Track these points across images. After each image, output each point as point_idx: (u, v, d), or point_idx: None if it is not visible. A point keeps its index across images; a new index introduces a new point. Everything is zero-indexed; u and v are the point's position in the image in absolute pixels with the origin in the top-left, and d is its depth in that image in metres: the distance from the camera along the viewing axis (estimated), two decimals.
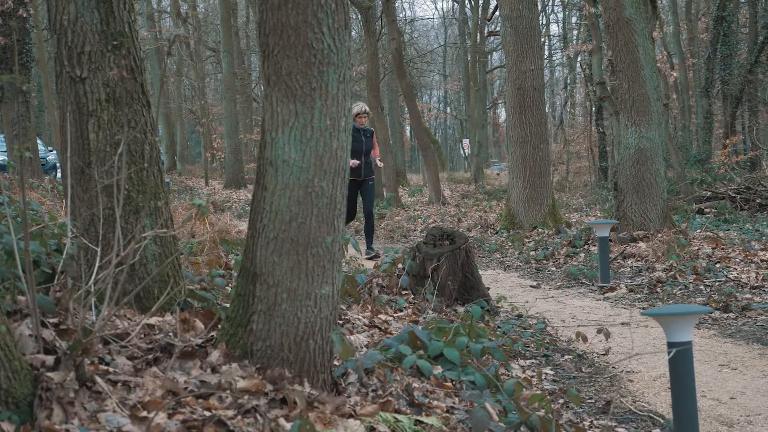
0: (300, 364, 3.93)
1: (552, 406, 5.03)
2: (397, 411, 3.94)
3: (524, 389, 5.13)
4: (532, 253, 12.94)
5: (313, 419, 3.54)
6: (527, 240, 14.18)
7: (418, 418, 3.91)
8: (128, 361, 3.70)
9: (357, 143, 12.40)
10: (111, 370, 3.51)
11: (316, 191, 3.87)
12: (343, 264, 9.97)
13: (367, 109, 13.01)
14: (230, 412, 3.39)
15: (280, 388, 3.70)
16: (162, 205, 4.59)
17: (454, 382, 4.70)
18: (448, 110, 66.88)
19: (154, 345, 3.88)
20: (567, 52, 44.69)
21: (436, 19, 67.11)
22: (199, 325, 4.27)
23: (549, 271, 11.79)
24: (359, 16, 26.92)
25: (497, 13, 22.14)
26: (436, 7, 77.01)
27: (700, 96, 31.25)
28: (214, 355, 3.90)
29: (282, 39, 3.85)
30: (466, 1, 42.18)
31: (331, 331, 3.99)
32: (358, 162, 12.58)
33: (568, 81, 50.23)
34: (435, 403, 4.22)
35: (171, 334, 4.05)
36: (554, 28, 56.51)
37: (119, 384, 3.42)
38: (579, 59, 41.96)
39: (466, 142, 50.02)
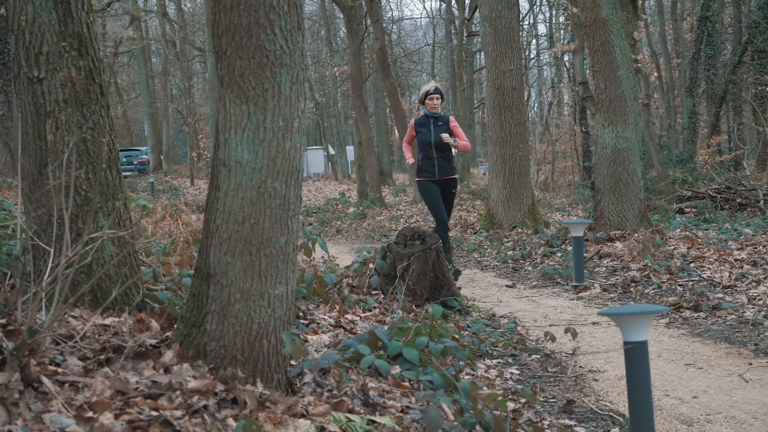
0: (253, 364, 3.94)
1: (513, 405, 5.06)
2: (351, 411, 3.96)
3: (484, 388, 5.16)
4: (510, 252, 12.96)
5: (263, 419, 3.55)
6: (506, 240, 14.21)
7: (372, 417, 3.93)
8: (79, 361, 3.70)
9: (425, 134, 10.38)
10: (60, 370, 3.51)
11: (269, 192, 3.89)
12: (320, 263, 9.97)
13: (440, 89, 10.54)
14: (178, 413, 3.40)
15: (232, 388, 3.71)
16: (120, 206, 4.59)
17: (412, 382, 4.71)
18: None
19: (107, 345, 3.89)
20: (552, 52, 44.71)
21: (422, 19, 67.08)
22: (155, 325, 4.28)
23: (525, 270, 11.82)
24: (342, 16, 26.91)
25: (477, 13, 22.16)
26: (424, 6, 76.93)
27: (685, 96, 31.32)
28: (168, 356, 3.91)
29: (234, 40, 3.86)
30: (453, 1, 42.18)
31: (285, 331, 4.01)
32: (412, 161, 10.74)
33: (555, 81, 50.28)
34: (390, 402, 4.24)
35: (125, 334, 4.06)
36: (542, 28, 56.45)
37: (67, 384, 3.42)
38: (567, 59, 42.03)
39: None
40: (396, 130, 31.44)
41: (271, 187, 3.89)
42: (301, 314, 6.09)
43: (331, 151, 49.55)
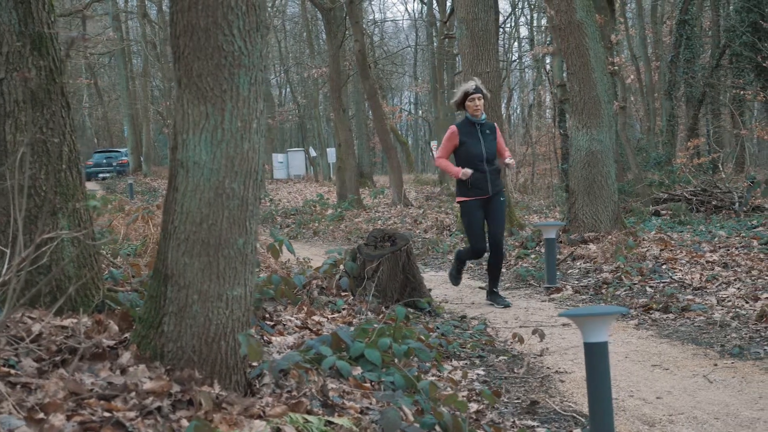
0: (211, 365, 3.94)
1: (476, 406, 5.08)
2: (309, 412, 3.96)
3: (448, 389, 5.17)
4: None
5: (219, 420, 3.55)
6: None
7: (330, 418, 3.93)
8: (34, 363, 3.70)
9: (473, 145, 8.83)
10: (13, 372, 3.51)
11: (226, 193, 3.89)
12: (294, 265, 9.97)
13: (482, 88, 8.98)
14: (132, 414, 3.39)
15: (188, 389, 3.70)
16: (80, 207, 4.58)
17: (373, 383, 4.72)
18: (419, 112, 66.93)
19: (63, 347, 3.88)
20: (532, 53, 44.81)
21: (403, 21, 67.18)
22: (114, 326, 4.27)
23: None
24: (321, 18, 26.92)
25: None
26: (406, 9, 77.06)
27: (663, 99, 31.45)
28: (125, 357, 3.90)
29: (192, 41, 3.86)
30: (434, 3, 42.22)
31: (245, 332, 4.01)
32: (470, 171, 8.75)
33: (536, 83, 50.41)
34: (350, 404, 4.24)
35: (82, 335, 4.05)
36: (524, 31, 56.58)
37: (19, 386, 3.42)
38: (547, 61, 42.14)
39: (434, 144, 50.11)
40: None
41: (229, 188, 3.89)
42: (267, 315, 6.09)
43: (313, 153, 49.55)
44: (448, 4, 35.86)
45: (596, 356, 4.46)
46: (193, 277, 3.88)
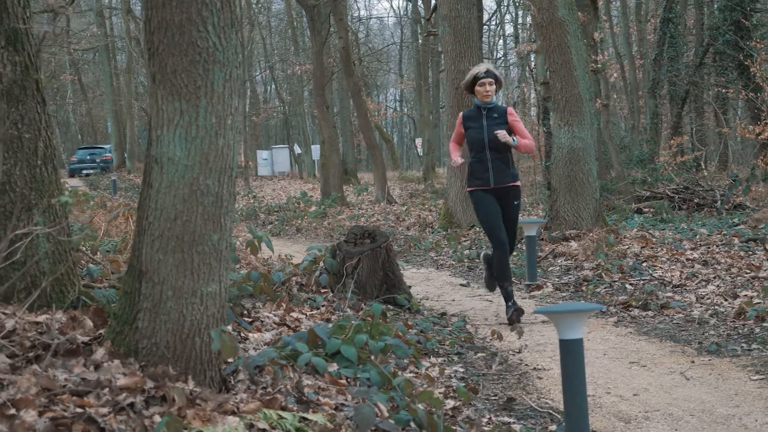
0: (186, 361, 3.94)
1: (453, 402, 5.09)
2: (284, 408, 3.96)
3: (424, 386, 5.18)
4: (466, 252, 13.00)
5: (192, 416, 3.55)
6: (463, 239, 14.25)
7: (304, 415, 3.94)
8: (7, 359, 3.69)
9: (475, 130, 8.14)
10: None
11: (201, 189, 3.88)
12: (276, 262, 9.96)
13: (494, 71, 8.22)
14: (104, 410, 3.39)
15: (161, 386, 3.70)
16: (56, 203, 4.57)
17: (349, 380, 4.73)
18: (405, 109, 66.98)
19: (37, 343, 3.87)
20: (515, 50, 44.90)
21: (388, 18, 67.20)
22: (89, 323, 4.26)
23: (480, 269, 11.83)
24: (305, 14, 26.92)
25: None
26: (391, 5, 77.08)
27: (647, 97, 31.55)
28: (99, 353, 3.89)
29: (166, 37, 3.86)
30: (419, 0, 42.25)
31: (219, 328, 4.00)
32: (460, 161, 8.24)
33: (520, 80, 50.48)
34: (325, 400, 4.25)
35: (56, 331, 4.04)
36: (510, 28, 56.68)
37: None
38: (532, 58, 42.21)
39: (418, 141, 50.14)
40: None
41: (204, 184, 3.89)
42: (245, 312, 6.09)
43: (298, 150, 49.50)
44: (432, 1, 35.92)
45: (571, 353, 4.48)
46: (167, 273, 3.88)
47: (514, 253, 12.32)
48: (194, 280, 3.91)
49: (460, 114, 8.50)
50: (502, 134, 7.89)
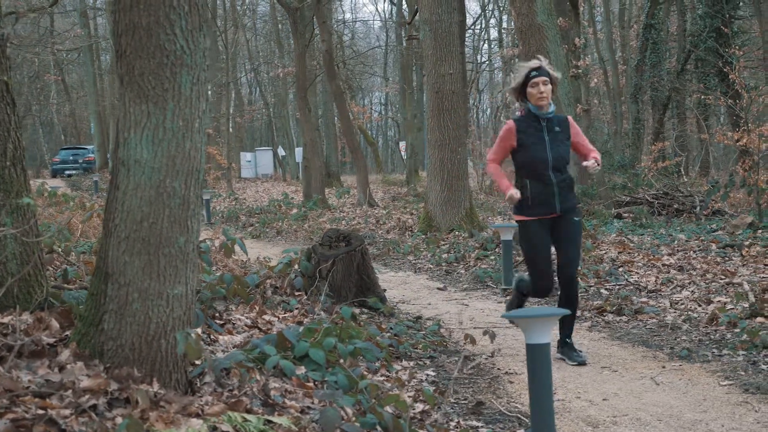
0: (151, 363, 3.95)
1: (422, 406, 5.11)
2: (249, 411, 3.97)
3: (394, 390, 5.19)
4: (444, 255, 13.02)
5: (155, 418, 3.55)
6: (442, 243, 14.27)
7: (269, 417, 3.94)
8: None
9: (535, 147, 6.55)
10: None
11: (168, 192, 3.89)
12: (254, 264, 9.96)
13: (551, 71, 6.58)
14: (66, 411, 3.39)
15: (125, 388, 3.71)
16: (25, 204, 4.57)
17: (317, 383, 4.74)
18: (389, 113, 67.02)
19: (1, 344, 3.87)
20: (497, 55, 45.03)
21: (373, 21, 67.23)
22: (55, 324, 4.27)
23: (458, 273, 11.89)
24: (287, 17, 26.90)
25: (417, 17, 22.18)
26: (376, 9, 77.11)
27: (630, 102, 31.67)
28: (64, 355, 3.90)
29: (134, 40, 3.87)
30: (404, 4, 42.30)
31: (184, 330, 4.01)
32: (518, 196, 6.56)
33: (504, 85, 50.57)
34: (291, 403, 4.26)
35: (21, 332, 4.04)
36: (494, 32, 56.72)
37: None
38: (515, 63, 42.25)
39: (402, 144, 50.20)
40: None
41: (170, 186, 3.90)
42: (217, 314, 6.09)
43: (282, 153, 49.44)
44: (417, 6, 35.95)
45: (538, 357, 4.50)
46: (133, 275, 3.89)
47: (492, 258, 12.33)
48: (160, 282, 3.92)
49: (510, 122, 6.69)
50: (591, 165, 6.56)
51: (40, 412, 3.33)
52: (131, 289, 3.89)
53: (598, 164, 6.61)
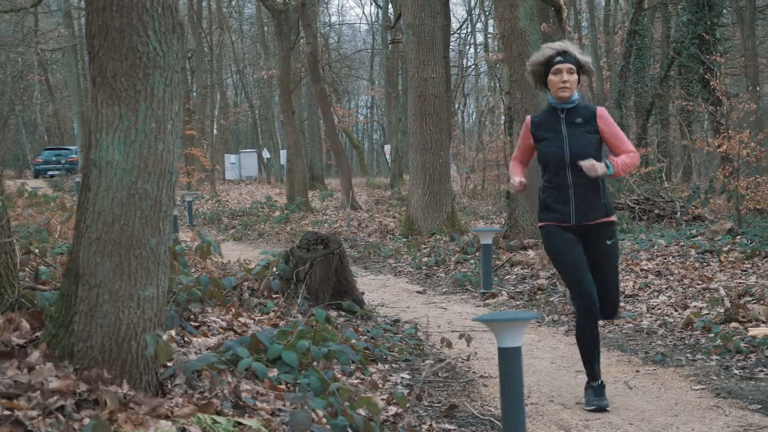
0: (121, 365, 3.95)
1: (395, 409, 5.12)
2: (219, 413, 3.98)
3: (367, 392, 5.21)
4: (425, 259, 13.06)
5: (123, 420, 3.56)
6: (423, 246, 14.30)
7: (239, 419, 3.96)
8: None
9: (550, 143, 5.64)
10: None
11: (139, 193, 3.90)
12: (234, 266, 9.96)
13: (578, 55, 5.60)
14: (34, 413, 3.39)
15: (94, 389, 3.71)
16: None
17: (289, 385, 4.75)
18: (375, 116, 67.05)
19: None
20: (480, 60, 45.13)
21: (360, 24, 67.30)
22: (25, 325, 4.27)
23: (438, 277, 11.92)
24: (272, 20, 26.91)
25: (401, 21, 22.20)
26: (363, 12, 77.19)
27: (613, 108, 31.80)
28: (34, 356, 3.89)
29: (107, 41, 3.87)
30: (390, 7, 42.33)
31: (154, 332, 4.01)
32: (517, 181, 5.82)
33: (490, 89, 50.70)
34: (262, 405, 4.27)
35: None
36: (480, 37, 56.83)
37: None
38: (498, 67, 42.40)
39: (387, 147, 50.24)
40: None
41: (142, 188, 3.91)
42: (192, 316, 6.09)
43: (267, 155, 49.40)
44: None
45: (509, 361, 4.53)
46: (104, 276, 3.89)
47: (472, 262, 12.34)
48: (131, 283, 3.92)
49: (527, 119, 5.98)
50: (588, 165, 5.45)
51: (7, 413, 3.33)
52: (102, 290, 3.89)
53: (618, 170, 5.58)
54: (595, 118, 5.63)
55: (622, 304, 8.98)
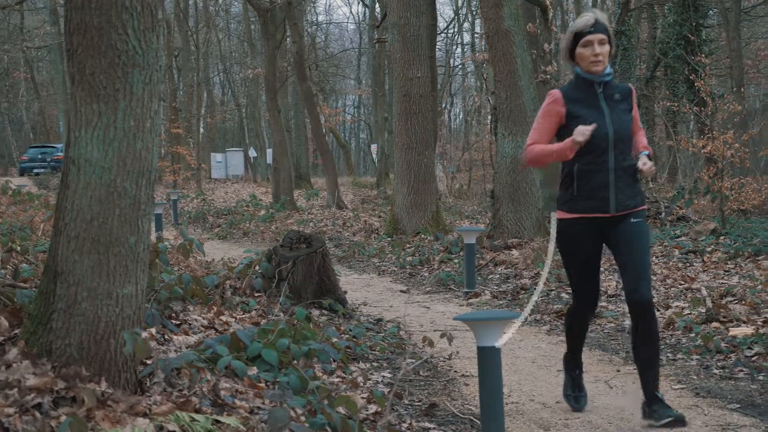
0: (100, 362, 3.94)
1: (375, 407, 5.13)
2: (198, 410, 3.98)
3: (347, 391, 5.21)
4: (409, 258, 13.08)
5: (101, 417, 3.56)
6: (408, 246, 14.31)
7: (218, 417, 3.96)
8: None
9: (590, 114, 5.00)
10: None
11: (118, 191, 3.90)
12: (218, 264, 9.95)
13: (608, 25, 5.02)
14: (10, 410, 3.39)
15: (72, 387, 3.71)
16: None
17: (268, 384, 4.76)
18: (362, 115, 67.06)
19: None
20: (466, 60, 45.17)
21: (347, 23, 67.25)
22: (4, 322, 4.26)
23: (422, 276, 11.93)
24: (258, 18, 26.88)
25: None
26: (350, 11, 77.16)
27: None
28: (12, 353, 3.89)
29: (86, 39, 3.87)
30: (377, 7, 42.35)
31: (132, 330, 4.01)
32: (585, 130, 4.91)
33: (477, 89, 50.75)
34: (241, 403, 4.27)
35: None
36: (467, 37, 56.90)
37: None
38: (485, 67, 42.43)
39: (374, 147, 50.25)
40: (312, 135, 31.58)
41: (121, 186, 3.91)
42: (173, 314, 6.09)
43: (253, 154, 49.35)
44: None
45: (488, 360, 4.54)
46: (82, 274, 3.89)
47: (456, 261, 12.34)
48: (110, 281, 3.92)
49: (556, 93, 5.18)
50: (647, 169, 4.98)
51: None
52: (80, 288, 3.89)
53: (648, 160, 5.04)
54: (630, 96, 5.16)
55: (604, 303, 9.02)
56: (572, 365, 5.58)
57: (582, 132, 4.85)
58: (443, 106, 44.32)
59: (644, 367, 5.12)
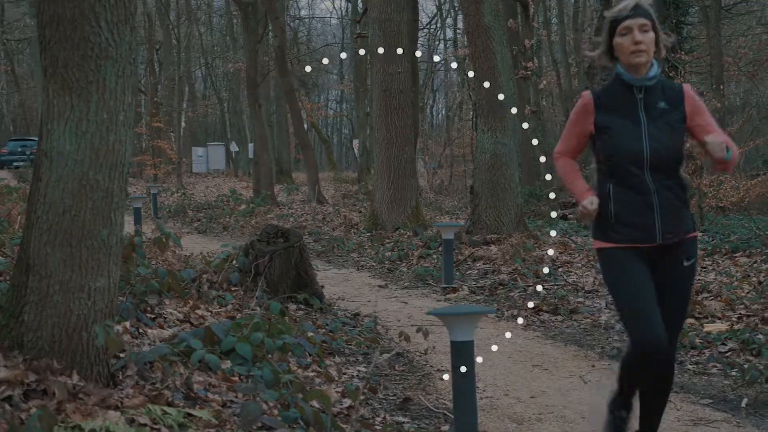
0: (72, 355, 3.94)
1: (349, 401, 5.14)
2: (170, 404, 3.99)
3: (322, 385, 5.23)
4: (388, 253, 13.08)
5: (72, 410, 3.56)
6: (387, 241, 14.32)
7: (190, 410, 3.96)
8: None
9: (623, 132, 4.10)
10: None
11: (90, 184, 3.90)
12: (197, 258, 9.92)
13: (651, 12, 4.08)
14: None
15: (43, 379, 3.70)
16: None
17: (242, 377, 4.76)
18: (344, 110, 66.97)
19: None
20: (448, 56, 45.23)
21: (330, 18, 67.14)
22: None
23: (400, 271, 11.94)
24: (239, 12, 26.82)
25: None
26: (334, 6, 76.99)
27: None
28: None
29: (58, 31, 3.86)
30: (359, 2, 42.28)
31: (104, 323, 4.01)
32: (588, 206, 4.12)
33: (459, 85, 50.77)
34: (214, 396, 4.28)
35: None
36: (450, 33, 56.84)
37: None
38: (467, 63, 42.48)
39: (356, 142, 50.20)
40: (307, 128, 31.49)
41: (94, 179, 3.90)
42: (149, 308, 6.08)
43: (235, 148, 49.22)
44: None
45: (461, 355, 4.55)
46: (54, 267, 3.88)
47: (435, 256, 12.36)
48: (82, 274, 3.92)
49: (586, 96, 4.31)
50: (717, 146, 4.00)
51: None
52: (52, 281, 3.88)
53: (733, 160, 4.09)
54: (682, 99, 4.18)
55: (581, 299, 9.05)
56: (620, 406, 4.57)
57: (584, 210, 4.15)
58: (425, 101, 44.35)
59: (649, 409, 4.56)
